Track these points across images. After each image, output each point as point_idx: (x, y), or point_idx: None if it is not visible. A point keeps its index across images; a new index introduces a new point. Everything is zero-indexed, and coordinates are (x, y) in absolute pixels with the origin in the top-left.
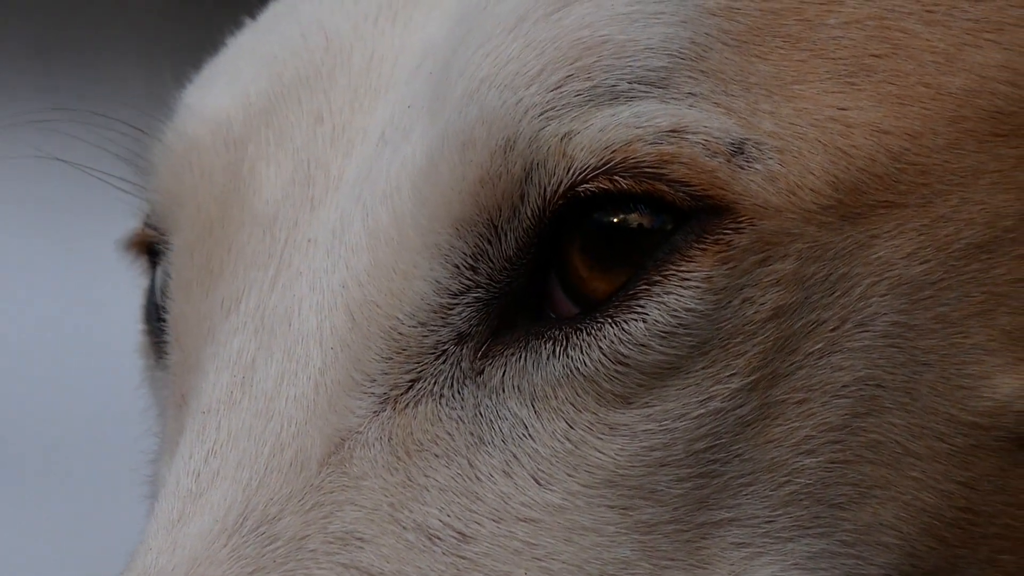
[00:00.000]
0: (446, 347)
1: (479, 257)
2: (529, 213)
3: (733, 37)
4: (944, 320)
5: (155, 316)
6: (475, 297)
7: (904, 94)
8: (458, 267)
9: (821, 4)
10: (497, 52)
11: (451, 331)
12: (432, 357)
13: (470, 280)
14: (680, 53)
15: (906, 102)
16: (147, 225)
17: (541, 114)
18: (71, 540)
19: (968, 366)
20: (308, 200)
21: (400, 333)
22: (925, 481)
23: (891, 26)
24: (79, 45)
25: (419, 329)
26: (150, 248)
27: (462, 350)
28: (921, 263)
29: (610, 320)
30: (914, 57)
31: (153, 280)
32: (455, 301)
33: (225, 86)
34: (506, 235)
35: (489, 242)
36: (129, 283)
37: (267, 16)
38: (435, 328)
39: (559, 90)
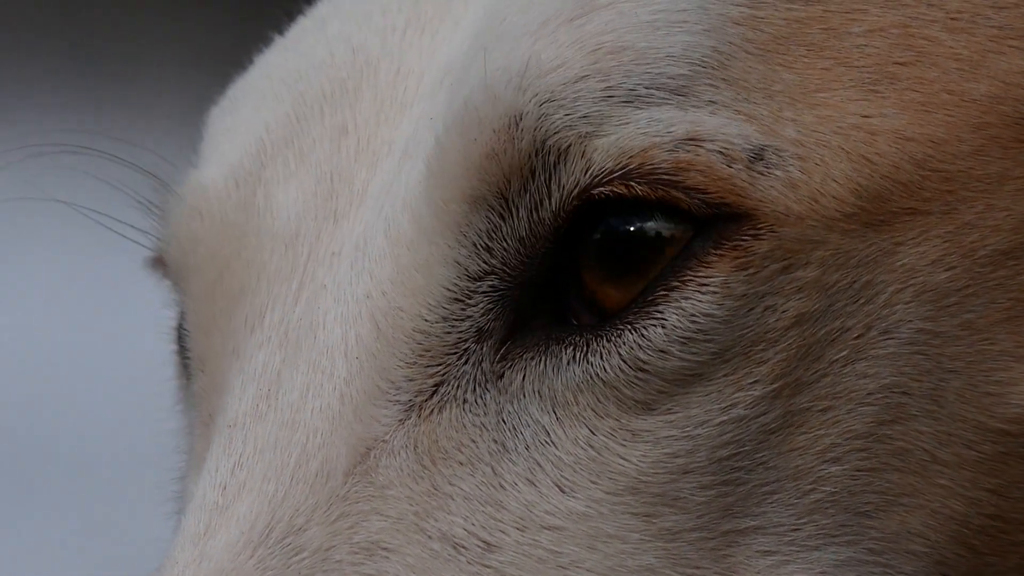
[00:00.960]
0: (467, 345)
1: (493, 235)
2: (541, 192)
3: (757, 46)
4: (970, 327)
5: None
6: (491, 285)
7: (928, 101)
8: (475, 245)
9: (846, 13)
10: (515, 50)
11: (471, 325)
12: (455, 357)
13: (486, 263)
14: (702, 61)
15: (930, 109)
16: (163, 268)
17: (549, 100)
18: (103, 547)
19: (996, 373)
20: (332, 213)
21: (424, 333)
22: (953, 489)
23: (915, 34)
24: (119, 54)
25: (442, 325)
26: None
27: (483, 349)
28: (946, 270)
29: (629, 326)
30: (938, 64)
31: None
32: (474, 287)
33: (245, 119)
34: (518, 211)
35: (502, 217)
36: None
37: (294, 32)
38: (456, 322)
39: (574, 85)
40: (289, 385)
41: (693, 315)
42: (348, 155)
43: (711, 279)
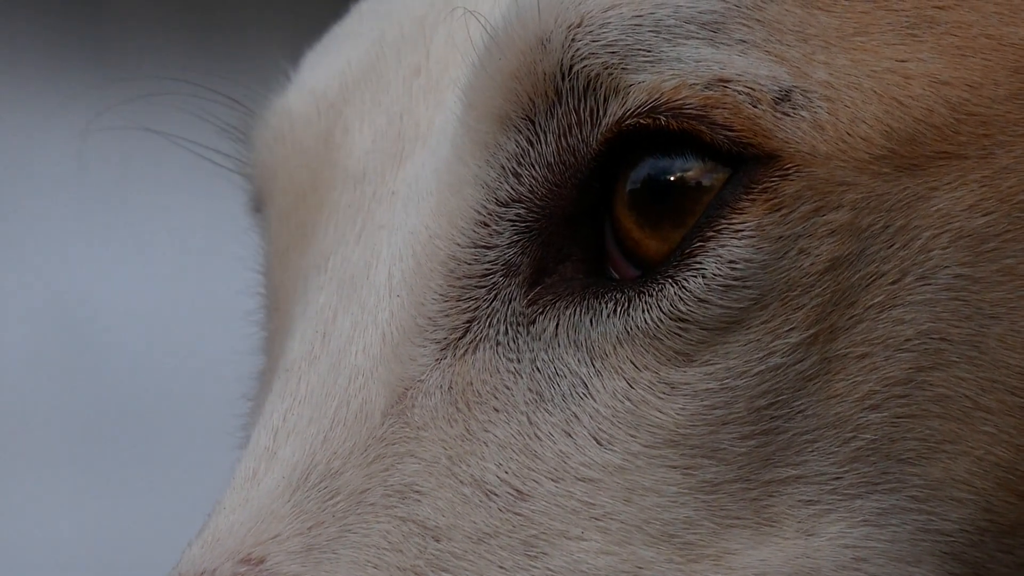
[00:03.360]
0: (495, 279)
1: (522, 159)
2: (569, 118)
3: None
4: (1011, 272)
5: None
6: (517, 214)
7: (965, 45)
8: (503, 168)
9: None
10: None
11: (499, 255)
12: (484, 291)
13: (514, 189)
14: (737, 0)
15: (967, 53)
16: (249, 199)
17: (578, 25)
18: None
19: None
20: (397, 153)
21: (455, 259)
22: (998, 435)
23: None
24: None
25: (471, 251)
26: None
27: (511, 285)
28: (984, 215)
29: (671, 280)
30: (977, 8)
31: None
32: (501, 213)
33: (331, 57)
34: (545, 136)
35: (530, 142)
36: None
37: None
38: (484, 249)
39: (604, 13)
40: (341, 326)
41: (732, 261)
42: (417, 95)
43: (745, 224)
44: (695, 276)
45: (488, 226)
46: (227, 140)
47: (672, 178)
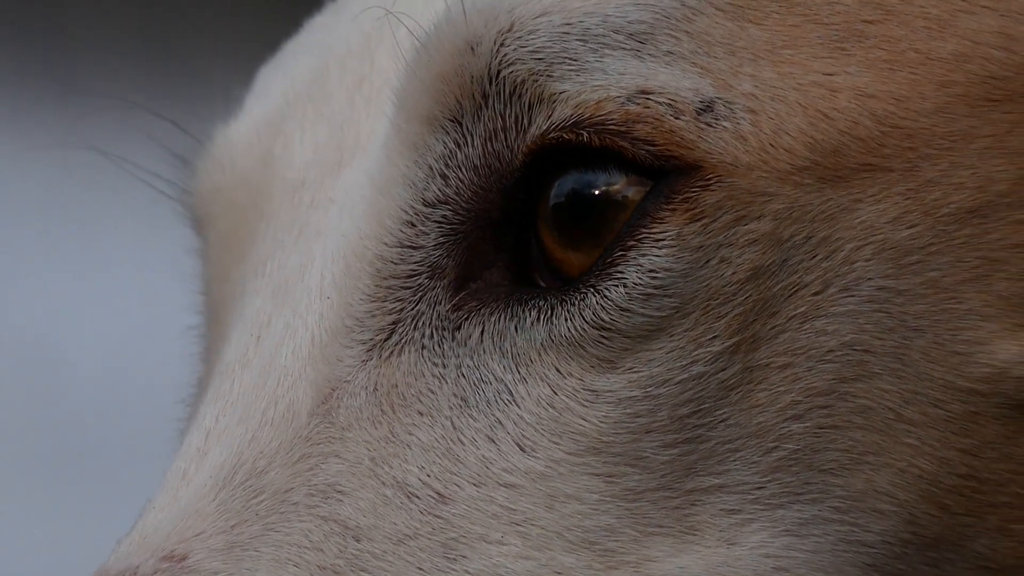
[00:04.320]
0: (420, 280)
1: (449, 161)
2: (495, 123)
3: (728, 2)
4: (935, 285)
5: None
6: (443, 216)
7: (893, 59)
8: (431, 168)
9: None
10: None
11: (424, 256)
12: (409, 292)
13: (440, 191)
14: (666, 12)
15: (895, 67)
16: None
17: (508, 30)
18: None
19: (963, 332)
20: (337, 162)
21: (382, 259)
22: (921, 448)
23: None
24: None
25: (397, 250)
26: None
27: (436, 288)
28: (908, 227)
29: (592, 289)
30: (906, 23)
31: None
32: (428, 214)
33: (279, 73)
34: (471, 139)
35: (457, 144)
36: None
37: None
38: (411, 250)
39: (535, 20)
40: (274, 330)
41: (652, 270)
42: (360, 105)
43: (665, 233)
44: (616, 285)
45: (415, 226)
46: (173, 167)
47: (595, 193)
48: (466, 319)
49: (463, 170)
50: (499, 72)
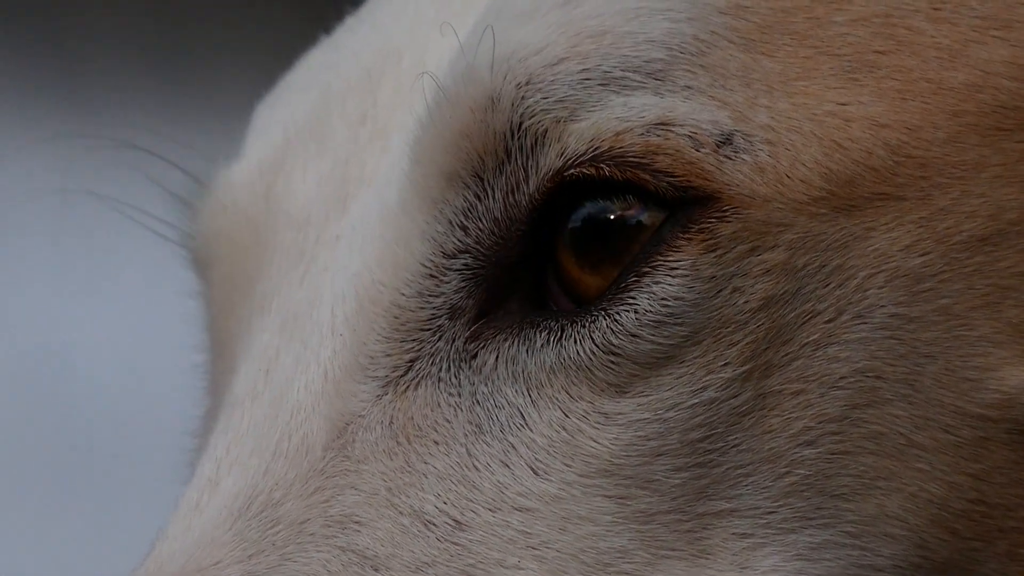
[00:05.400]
0: (440, 321)
1: (469, 213)
2: (518, 175)
3: (740, 35)
4: (947, 312)
5: None
6: (464, 264)
7: (905, 89)
8: (450, 223)
9: (831, 2)
10: (505, 33)
11: (444, 302)
12: (428, 333)
13: (460, 241)
14: (681, 48)
15: (907, 97)
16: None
17: (527, 83)
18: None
19: (974, 358)
20: (342, 198)
21: (399, 307)
22: (931, 472)
23: (897, 23)
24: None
25: (416, 300)
26: None
27: (455, 326)
28: (920, 255)
29: (603, 312)
30: (918, 53)
31: None
32: (448, 264)
33: (278, 110)
34: (493, 191)
35: (478, 197)
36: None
37: (339, 30)
38: (430, 298)
39: (553, 67)
40: (283, 363)
41: (663, 299)
42: (363, 142)
43: (680, 262)
44: (627, 311)
45: (435, 277)
46: (175, 209)
47: (612, 217)
48: (482, 347)
49: (484, 220)
50: (521, 124)
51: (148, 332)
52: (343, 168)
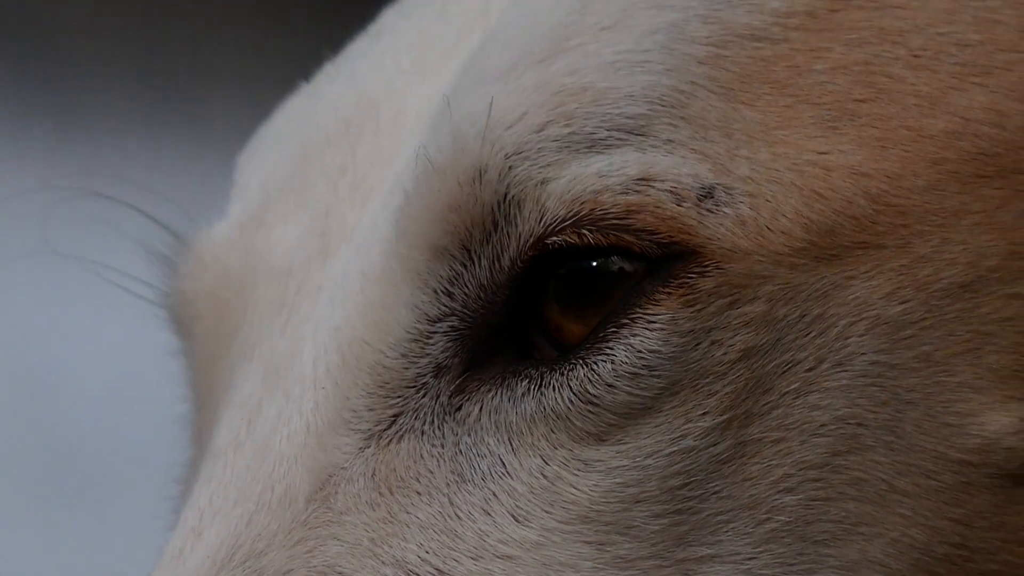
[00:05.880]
0: (425, 379)
1: (455, 281)
2: (502, 243)
3: (720, 84)
4: (928, 359)
5: None
6: (451, 326)
7: (885, 137)
8: (436, 292)
9: (810, 51)
10: (482, 96)
11: (430, 362)
12: (413, 390)
13: (446, 307)
14: (661, 100)
15: (887, 145)
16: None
17: (515, 153)
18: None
19: (955, 404)
20: (323, 249)
21: (384, 367)
22: (913, 518)
23: (876, 71)
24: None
25: (401, 360)
26: None
27: (440, 383)
28: (901, 303)
29: (581, 361)
30: (897, 101)
31: None
32: (433, 329)
33: (257, 160)
34: (479, 260)
35: (464, 266)
36: None
37: (317, 79)
38: (415, 359)
39: (538, 134)
40: (266, 414)
41: (640, 351)
42: (343, 194)
43: (658, 316)
44: (605, 361)
45: (419, 341)
46: (154, 267)
47: (596, 276)
48: (467, 400)
49: (470, 287)
50: (507, 194)
51: (136, 341)
52: (323, 221)
